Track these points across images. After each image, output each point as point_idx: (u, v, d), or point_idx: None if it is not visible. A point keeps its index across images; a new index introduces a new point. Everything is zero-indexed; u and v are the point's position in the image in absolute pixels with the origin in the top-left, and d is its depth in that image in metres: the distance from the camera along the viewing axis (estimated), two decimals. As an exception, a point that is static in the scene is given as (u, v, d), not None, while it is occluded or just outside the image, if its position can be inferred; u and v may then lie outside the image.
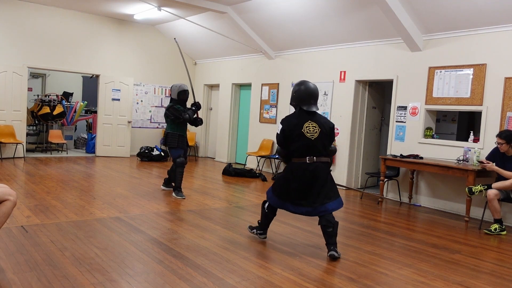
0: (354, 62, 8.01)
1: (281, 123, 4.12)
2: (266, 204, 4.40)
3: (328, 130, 4.10)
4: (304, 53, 9.02)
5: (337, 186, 4.34)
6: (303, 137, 3.98)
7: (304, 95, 4.09)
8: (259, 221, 4.56)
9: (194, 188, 7.38)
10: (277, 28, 8.76)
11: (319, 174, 3.99)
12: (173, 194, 6.49)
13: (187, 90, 6.50)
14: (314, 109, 4.10)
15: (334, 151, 4.46)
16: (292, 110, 4.54)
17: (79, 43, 10.53)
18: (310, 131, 4.00)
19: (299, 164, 4.03)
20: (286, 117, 4.18)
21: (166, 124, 6.59)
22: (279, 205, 4.25)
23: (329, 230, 3.98)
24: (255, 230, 4.59)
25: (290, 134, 4.02)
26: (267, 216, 4.43)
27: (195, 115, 6.52)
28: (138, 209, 5.54)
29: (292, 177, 4.07)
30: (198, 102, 6.56)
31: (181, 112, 6.29)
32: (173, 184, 6.65)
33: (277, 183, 4.30)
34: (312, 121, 4.05)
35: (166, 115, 6.42)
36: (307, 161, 3.99)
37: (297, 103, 4.14)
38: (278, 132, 4.11)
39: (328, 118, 8.14)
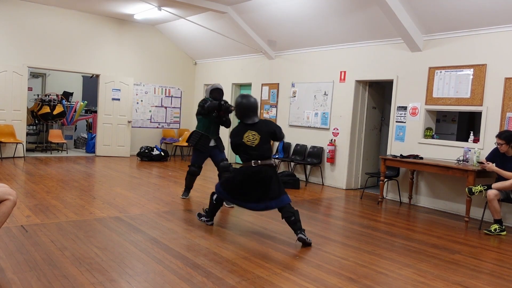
0: (354, 62, 8.01)
1: (230, 137, 4.70)
2: (215, 196, 4.82)
3: (269, 135, 4.61)
4: (304, 53, 9.02)
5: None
6: (245, 145, 4.51)
7: (244, 110, 4.61)
8: (206, 210, 5.02)
9: (194, 188, 7.38)
10: (277, 28, 8.76)
11: (264, 175, 4.48)
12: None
13: (220, 89, 6.07)
14: (252, 122, 4.59)
15: (281, 138, 4.86)
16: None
17: (79, 43, 10.53)
18: (250, 139, 4.52)
19: (246, 168, 4.52)
20: (232, 130, 4.71)
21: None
22: (229, 199, 4.71)
23: (292, 219, 4.43)
24: (203, 218, 5.03)
25: (237, 143, 4.56)
26: (215, 207, 4.90)
27: (219, 112, 5.93)
28: (138, 209, 5.54)
29: (242, 179, 4.56)
30: (226, 104, 5.98)
31: (204, 103, 5.90)
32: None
33: (227, 182, 4.74)
34: (251, 130, 4.55)
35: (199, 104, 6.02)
36: (253, 164, 4.48)
37: (239, 117, 4.66)
38: (230, 145, 4.66)
39: (328, 119, 8.13)
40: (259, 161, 4.48)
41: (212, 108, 5.89)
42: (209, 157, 6.23)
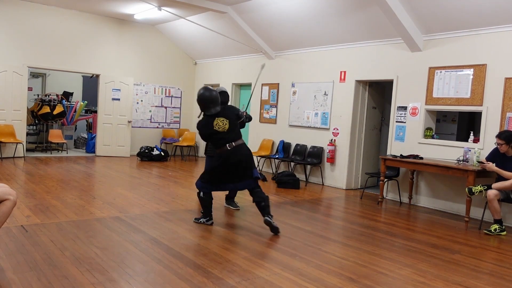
0: (354, 62, 8.01)
1: (197, 128, 4.95)
2: (201, 193, 4.93)
3: (235, 117, 4.96)
4: (304, 53, 9.02)
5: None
6: (216, 132, 4.80)
7: (204, 103, 4.86)
8: (202, 211, 5.06)
9: (194, 188, 7.38)
10: (277, 28, 8.76)
11: (239, 155, 4.81)
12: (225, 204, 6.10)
13: (226, 92, 5.82)
14: (213, 112, 4.84)
15: (249, 118, 5.24)
16: None
17: (79, 42, 10.53)
18: (220, 126, 4.81)
19: (222, 152, 4.81)
20: (199, 122, 4.95)
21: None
22: (212, 189, 4.91)
23: (262, 204, 4.79)
24: (202, 220, 5.02)
25: (206, 134, 4.85)
26: (206, 202, 4.96)
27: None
28: (138, 209, 5.54)
29: (221, 163, 4.81)
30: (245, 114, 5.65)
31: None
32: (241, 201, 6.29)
33: (206, 173, 4.98)
34: (218, 118, 4.84)
35: None
36: (228, 148, 4.79)
37: (202, 111, 4.94)
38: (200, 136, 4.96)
39: (328, 119, 8.14)
40: (233, 143, 4.80)
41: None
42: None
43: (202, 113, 4.95)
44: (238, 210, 5.91)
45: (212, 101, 4.85)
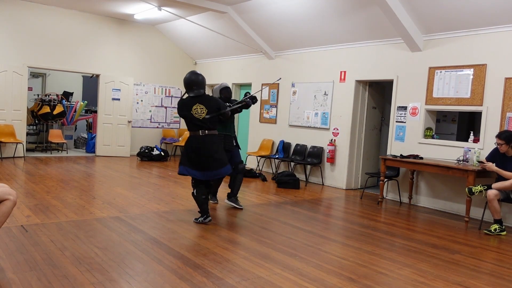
0: (354, 62, 8.01)
1: (177, 104, 5.15)
2: (194, 192, 5.09)
3: (215, 110, 5.05)
4: (304, 53, 9.02)
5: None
6: (193, 117, 4.95)
7: (187, 84, 5.07)
8: (199, 211, 5.11)
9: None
10: (277, 28, 8.76)
11: (210, 143, 4.98)
12: (226, 200, 6.06)
13: (229, 87, 6.20)
14: (195, 94, 5.02)
15: (227, 115, 5.32)
16: None
17: (80, 42, 10.53)
18: (198, 112, 4.97)
19: (194, 136, 5.01)
20: (180, 99, 5.15)
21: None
22: (186, 173, 5.02)
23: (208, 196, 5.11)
24: (200, 219, 5.06)
25: (182, 114, 5.04)
26: (199, 200, 5.05)
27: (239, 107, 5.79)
28: (138, 209, 5.54)
29: (190, 147, 4.99)
30: (251, 97, 5.89)
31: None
32: (243, 201, 6.30)
33: (182, 156, 5.13)
34: (199, 104, 4.98)
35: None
36: (200, 134, 4.97)
37: (186, 91, 5.11)
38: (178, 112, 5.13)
39: (328, 119, 8.14)
40: (206, 131, 4.98)
41: (234, 111, 5.77)
42: None
43: (186, 94, 5.14)
44: (241, 209, 5.92)
45: (197, 83, 5.06)
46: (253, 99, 5.90)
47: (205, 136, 4.97)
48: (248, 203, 6.36)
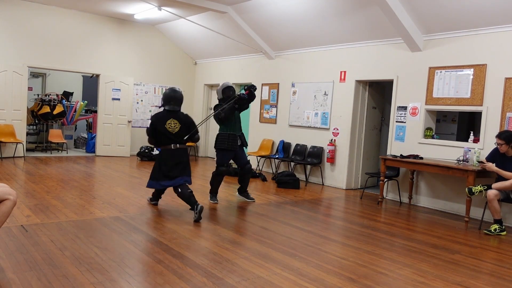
0: (354, 62, 8.01)
1: (151, 119, 5.44)
2: (153, 202, 5.74)
3: (187, 124, 5.44)
4: (304, 53, 9.02)
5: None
6: (166, 131, 5.27)
7: (167, 98, 5.38)
8: (153, 193, 5.72)
9: (194, 188, 7.37)
10: (277, 28, 8.76)
11: (180, 156, 5.38)
12: (237, 194, 6.52)
13: (232, 86, 6.28)
14: (171, 109, 5.35)
15: (196, 139, 5.67)
16: None
17: (80, 42, 10.53)
18: (172, 126, 5.30)
19: (166, 150, 5.36)
20: (155, 114, 5.44)
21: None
22: (156, 186, 5.40)
23: (187, 194, 5.33)
24: (153, 201, 5.75)
25: (156, 128, 5.29)
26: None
27: (237, 101, 5.95)
28: (138, 209, 5.54)
29: (162, 160, 5.36)
30: (250, 87, 6.10)
31: (220, 109, 5.95)
32: (253, 194, 6.51)
33: (153, 170, 5.45)
34: (174, 119, 5.33)
35: (214, 117, 6.10)
36: (172, 147, 5.33)
37: (163, 104, 5.42)
38: (148, 126, 5.40)
39: (328, 119, 8.15)
40: (177, 145, 5.35)
41: (231, 110, 5.94)
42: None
43: (163, 108, 5.44)
44: (253, 201, 6.30)
45: (175, 99, 5.40)
46: (251, 88, 6.07)
47: (177, 150, 5.37)
48: (249, 203, 6.36)
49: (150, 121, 5.45)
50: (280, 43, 9.29)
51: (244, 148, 6.41)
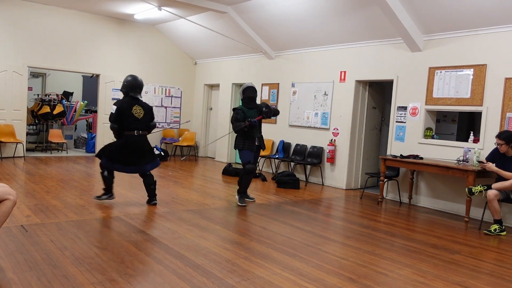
0: (354, 62, 8.01)
1: (115, 104, 5.48)
2: (105, 173, 5.55)
3: (149, 111, 5.65)
4: (304, 53, 9.02)
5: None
6: (133, 116, 5.43)
7: (132, 86, 5.55)
8: (104, 188, 5.66)
9: (194, 188, 7.39)
10: (277, 28, 8.76)
11: (142, 143, 5.57)
12: (236, 197, 6.27)
13: (252, 87, 6.19)
14: (138, 96, 5.58)
15: (154, 126, 5.80)
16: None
17: (80, 42, 10.53)
18: (137, 112, 5.49)
19: (130, 136, 5.46)
20: (119, 100, 5.58)
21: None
22: (110, 166, 5.49)
23: (152, 187, 5.75)
24: (103, 197, 5.65)
25: (123, 113, 5.40)
26: (109, 181, 5.60)
27: (253, 121, 5.96)
28: (138, 209, 5.54)
29: (126, 145, 5.45)
30: (269, 110, 6.10)
31: (235, 120, 6.02)
32: (253, 194, 6.44)
33: (109, 150, 5.52)
34: (138, 105, 5.54)
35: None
36: (135, 134, 5.46)
37: (127, 91, 5.56)
38: (113, 112, 5.41)
39: (328, 119, 8.15)
40: (140, 131, 5.50)
41: (244, 126, 5.96)
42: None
43: (124, 96, 5.64)
44: (254, 201, 6.28)
45: (140, 86, 5.63)
46: (264, 114, 6.06)
47: (140, 136, 5.52)
48: (248, 203, 6.36)
49: (115, 106, 5.44)
50: (280, 43, 9.30)
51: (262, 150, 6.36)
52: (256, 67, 10.30)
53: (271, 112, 6.12)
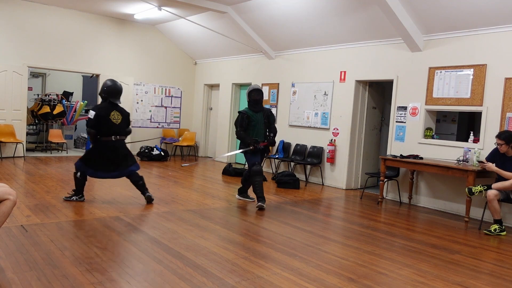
0: (354, 62, 8.01)
1: (93, 110, 5.51)
2: (78, 174, 5.60)
3: (126, 117, 5.71)
4: (304, 53, 9.02)
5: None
6: (110, 122, 5.49)
7: (113, 92, 5.59)
8: (74, 190, 5.73)
9: (194, 188, 7.39)
10: (277, 28, 8.76)
11: (121, 148, 5.63)
12: (237, 196, 6.47)
13: (257, 89, 6.06)
14: (117, 102, 5.63)
15: (129, 132, 5.84)
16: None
17: (79, 42, 10.53)
18: (115, 118, 5.55)
19: (108, 141, 5.51)
20: (97, 106, 5.69)
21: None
22: (93, 174, 5.59)
23: (140, 183, 5.82)
24: (74, 198, 5.69)
25: (101, 118, 5.44)
26: (81, 182, 5.67)
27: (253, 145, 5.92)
28: (138, 209, 5.54)
29: (104, 151, 5.52)
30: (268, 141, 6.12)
31: (240, 125, 5.98)
32: (252, 194, 6.31)
33: (89, 156, 5.61)
34: (116, 111, 5.58)
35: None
36: (113, 139, 5.52)
37: (107, 96, 5.58)
38: (91, 117, 5.44)
39: (328, 119, 8.16)
40: (118, 136, 5.55)
41: (245, 141, 5.95)
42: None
43: (102, 101, 5.68)
44: (253, 201, 6.23)
45: (120, 92, 5.68)
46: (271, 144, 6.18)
47: (117, 141, 5.58)
48: (248, 203, 6.36)
49: (93, 112, 5.46)
50: (280, 43, 9.29)
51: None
52: (256, 67, 10.30)
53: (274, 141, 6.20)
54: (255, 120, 6.01)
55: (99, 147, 5.55)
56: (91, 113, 5.47)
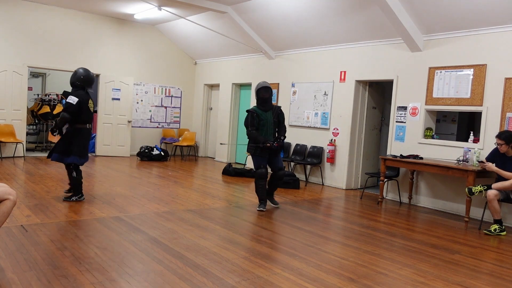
0: (354, 62, 8.01)
1: (77, 96, 5.55)
2: (74, 174, 5.69)
3: (94, 105, 5.99)
4: (304, 53, 9.02)
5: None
6: (88, 110, 5.67)
7: (89, 81, 5.74)
8: (72, 189, 5.81)
9: (194, 188, 7.39)
10: (277, 28, 8.76)
11: (89, 135, 5.84)
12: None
13: (265, 87, 5.83)
14: (88, 90, 5.78)
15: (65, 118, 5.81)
16: None
17: (79, 42, 10.53)
18: (91, 106, 5.75)
19: (84, 128, 5.67)
20: (76, 93, 5.63)
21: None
22: (62, 160, 5.62)
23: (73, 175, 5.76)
24: (73, 198, 5.74)
25: (82, 106, 5.54)
26: (79, 181, 5.73)
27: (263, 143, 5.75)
28: (138, 209, 5.54)
29: (80, 137, 5.64)
30: (276, 141, 5.87)
31: (251, 125, 5.81)
32: (277, 198, 6.26)
33: (75, 146, 5.62)
34: (90, 100, 5.77)
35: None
36: (87, 127, 5.73)
37: (83, 84, 5.68)
38: (73, 103, 5.49)
39: (328, 119, 8.15)
40: (90, 125, 5.77)
41: (257, 140, 5.80)
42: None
43: (76, 89, 5.69)
44: (278, 207, 6.10)
45: (93, 80, 5.86)
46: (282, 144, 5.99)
47: (90, 129, 5.82)
48: (248, 203, 6.36)
49: (76, 99, 5.49)
50: (280, 43, 9.29)
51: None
52: (256, 67, 10.30)
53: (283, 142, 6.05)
54: (264, 119, 5.81)
55: (78, 133, 5.64)
56: (74, 99, 5.49)
